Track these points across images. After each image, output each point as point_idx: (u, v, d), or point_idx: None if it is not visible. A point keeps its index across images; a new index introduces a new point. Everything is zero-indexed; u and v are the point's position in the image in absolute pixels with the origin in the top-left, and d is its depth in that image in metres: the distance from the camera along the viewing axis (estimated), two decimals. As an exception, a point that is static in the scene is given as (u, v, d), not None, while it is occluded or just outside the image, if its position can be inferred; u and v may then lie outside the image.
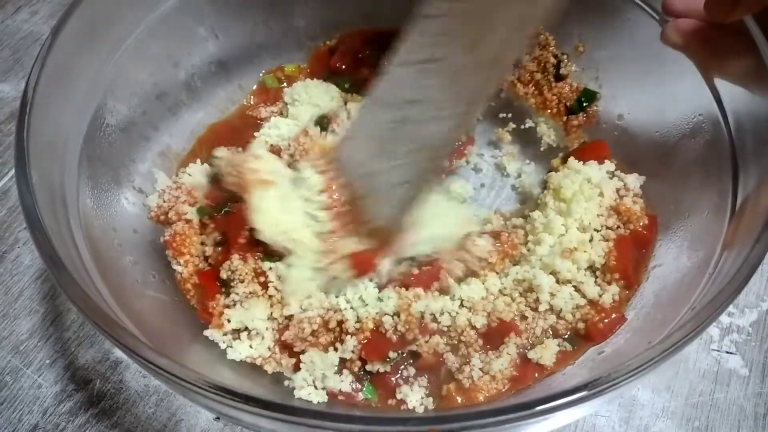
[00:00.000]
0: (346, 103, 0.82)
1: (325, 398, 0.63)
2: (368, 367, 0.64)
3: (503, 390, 0.63)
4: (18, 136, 0.56)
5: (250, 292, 0.67)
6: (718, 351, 0.74)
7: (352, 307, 0.66)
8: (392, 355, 0.64)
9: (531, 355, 0.64)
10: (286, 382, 0.65)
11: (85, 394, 0.72)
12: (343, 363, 0.64)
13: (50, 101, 0.60)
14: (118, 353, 0.74)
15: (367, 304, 0.66)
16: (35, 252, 0.80)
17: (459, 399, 0.63)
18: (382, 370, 0.64)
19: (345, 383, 0.63)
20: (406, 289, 0.66)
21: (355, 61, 0.87)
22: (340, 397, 0.63)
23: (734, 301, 0.50)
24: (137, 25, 0.72)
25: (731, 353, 0.74)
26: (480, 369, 0.63)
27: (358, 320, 0.65)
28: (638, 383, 0.72)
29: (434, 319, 0.65)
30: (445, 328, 0.65)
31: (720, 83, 0.64)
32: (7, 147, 0.90)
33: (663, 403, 0.71)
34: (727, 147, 0.62)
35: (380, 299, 0.66)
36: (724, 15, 0.56)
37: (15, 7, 1.06)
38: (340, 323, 0.65)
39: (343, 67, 0.87)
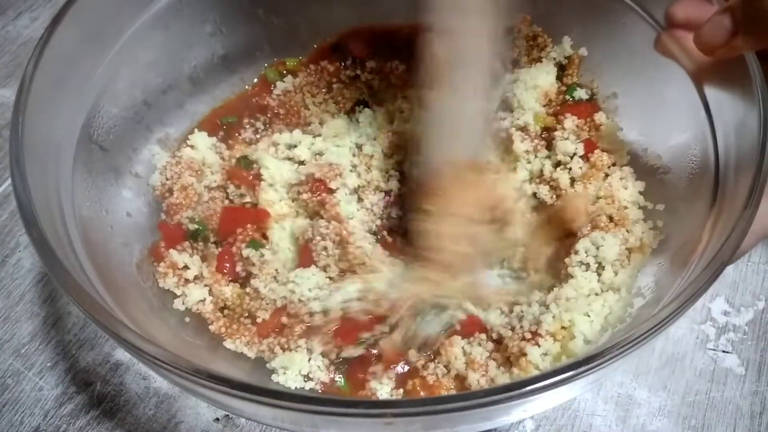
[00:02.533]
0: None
1: (303, 384, 0.65)
2: (344, 354, 0.66)
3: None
4: (14, 124, 0.56)
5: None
6: (714, 350, 0.74)
7: (316, 298, 0.68)
8: (365, 335, 0.66)
9: None
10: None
11: (85, 397, 0.72)
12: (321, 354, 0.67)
13: (48, 88, 0.60)
14: (119, 356, 0.74)
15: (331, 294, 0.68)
16: (36, 256, 0.81)
17: (422, 394, 0.64)
18: (356, 354, 0.66)
19: (323, 373, 0.65)
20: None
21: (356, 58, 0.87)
22: (316, 385, 0.65)
23: (704, 294, 0.49)
24: (140, 16, 0.72)
25: (727, 352, 0.74)
26: (444, 366, 0.65)
27: (326, 312, 0.68)
28: (635, 384, 0.72)
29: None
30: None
31: (710, 95, 0.64)
32: (8, 152, 0.91)
33: (660, 402, 0.71)
34: (712, 165, 0.62)
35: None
36: (714, 51, 0.57)
37: (16, 12, 1.07)
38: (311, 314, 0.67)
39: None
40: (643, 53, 0.69)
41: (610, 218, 0.69)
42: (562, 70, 0.81)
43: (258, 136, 0.83)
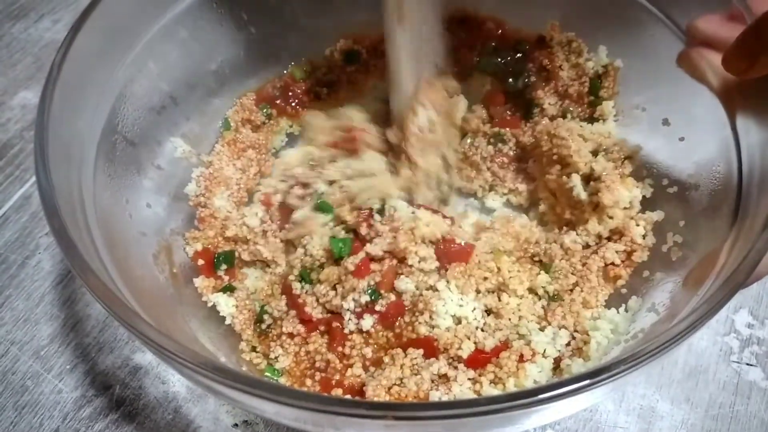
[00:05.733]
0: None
1: None
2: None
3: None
4: (40, 112, 0.56)
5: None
6: (738, 363, 0.73)
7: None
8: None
9: None
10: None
11: (104, 400, 0.72)
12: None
13: (73, 80, 0.60)
14: (138, 359, 0.74)
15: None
16: (56, 258, 0.82)
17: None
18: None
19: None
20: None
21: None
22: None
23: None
24: (167, 12, 0.73)
25: (752, 365, 0.73)
26: None
27: None
28: (658, 396, 0.71)
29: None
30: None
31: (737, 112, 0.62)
32: (29, 153, 0.91)
33: (682, 415, 0.70)
34: (735, 182, 0.61)
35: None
36: (743, 72, 0.56)
37: (38, 15, 1.08)
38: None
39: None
40: (671, 67, 0.68)
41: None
42: (599, 80, 0.81)
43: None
